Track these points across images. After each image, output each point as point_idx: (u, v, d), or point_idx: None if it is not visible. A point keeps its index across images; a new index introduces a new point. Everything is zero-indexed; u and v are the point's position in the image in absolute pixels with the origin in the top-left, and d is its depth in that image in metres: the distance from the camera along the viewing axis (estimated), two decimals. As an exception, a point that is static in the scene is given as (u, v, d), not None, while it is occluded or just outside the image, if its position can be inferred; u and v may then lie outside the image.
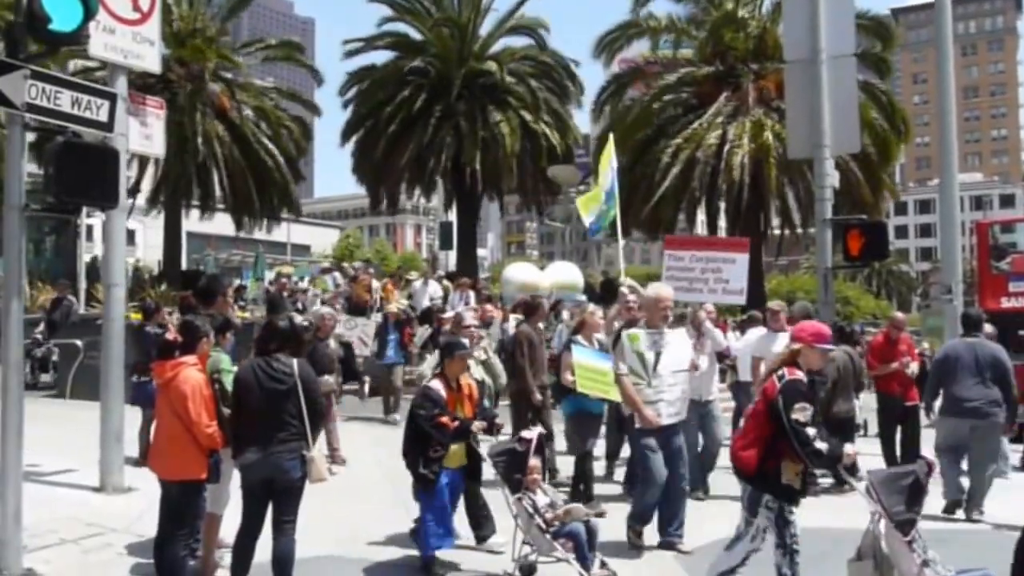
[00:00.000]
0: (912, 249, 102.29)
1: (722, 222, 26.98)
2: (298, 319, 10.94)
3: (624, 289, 9.20)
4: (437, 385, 6.53)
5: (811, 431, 4.93)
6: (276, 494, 5.56)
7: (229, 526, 5.94)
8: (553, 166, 28.43)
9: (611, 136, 12.18)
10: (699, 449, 8.85)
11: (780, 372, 5.16)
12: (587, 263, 48.04)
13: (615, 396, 7.61)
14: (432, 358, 8.55)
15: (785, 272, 41.94)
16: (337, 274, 25.53)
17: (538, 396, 9.15)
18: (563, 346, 8.90)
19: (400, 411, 12.88)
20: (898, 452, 10.17)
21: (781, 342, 8.43)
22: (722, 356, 10.59)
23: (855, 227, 10.13)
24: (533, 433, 6.49)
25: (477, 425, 6.53)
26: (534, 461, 6.30)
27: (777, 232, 27.92)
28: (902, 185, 63.47)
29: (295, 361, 5.68)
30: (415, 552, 6.84)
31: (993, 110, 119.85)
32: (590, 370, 7.95)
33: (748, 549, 5.25)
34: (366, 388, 14.40)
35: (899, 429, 10.32)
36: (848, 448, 5.19)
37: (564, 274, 12.65)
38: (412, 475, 6.40)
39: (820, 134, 10.40)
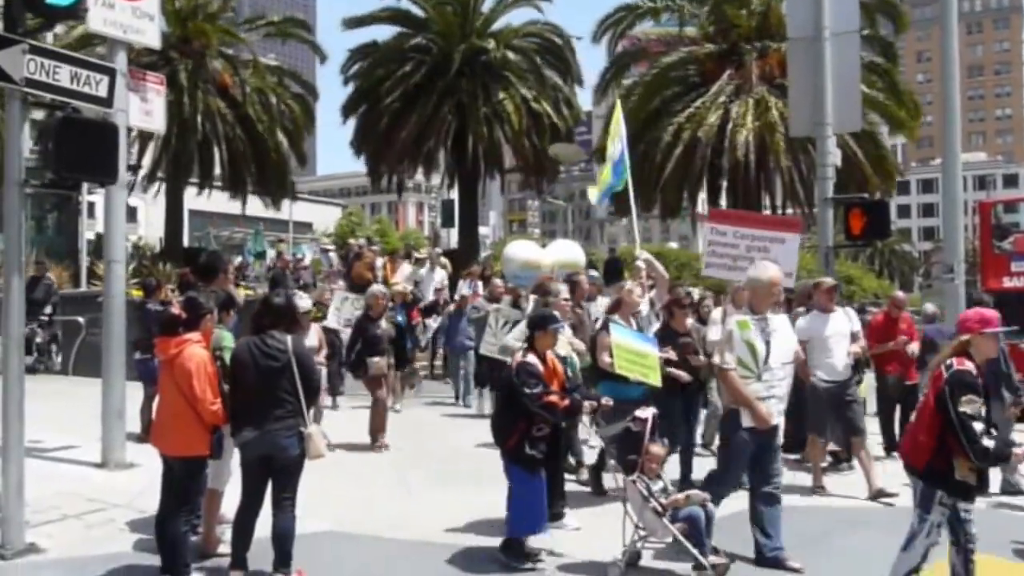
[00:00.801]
0: (914, 229, 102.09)
1: (724, 201, 26.91)
2: (302, 297, 10.78)
3: (640, 263, 8.56)
4: (534, 360, 6.14)
5: (979, 426, 4.69)
6: (274, 471, 5.59)
7: (230, 502, 5.97)
8: (555, 144, 28.29)
9: (618, 103, 11.67)
10: None
11: (948, 362, 4.91)
12: (590, 242, 48.01)
13: (655, 380, 7.29)
14: (518, 330, 7.97)
15: (787, 251, 42.07)
16: (332, 254, 25.49)
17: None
18: (599, 326, 8.38)
19: (402, 399, 12.65)
20: (897, 432, 10.18)
21: (834, 323, 8.31)
22: None
23: (857, 206, 10.12)
24: (648, 412, 6.15)
25: (588, 405, 6.30)
26: (653, 446, 6.03)
27: (780, 212, 27.83)
28: (904, 165, 63.26)
29: (290, 338, 5.68)
30: (417, 529, 6.90)
31: (998, 89, 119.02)
32: (630, 351, 7.36)
33: (926, 545, 4.98)
34: (418, 373, 14.02)
35: (898, 408, 10.33)
36: (1018, 449, 4.98)
37: (566, 252, 12.61)
38: (508, 455, 6.09)
39: (822, 112, 10.37)
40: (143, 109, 9.62)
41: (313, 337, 9.44)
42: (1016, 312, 8.75)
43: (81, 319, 15.35)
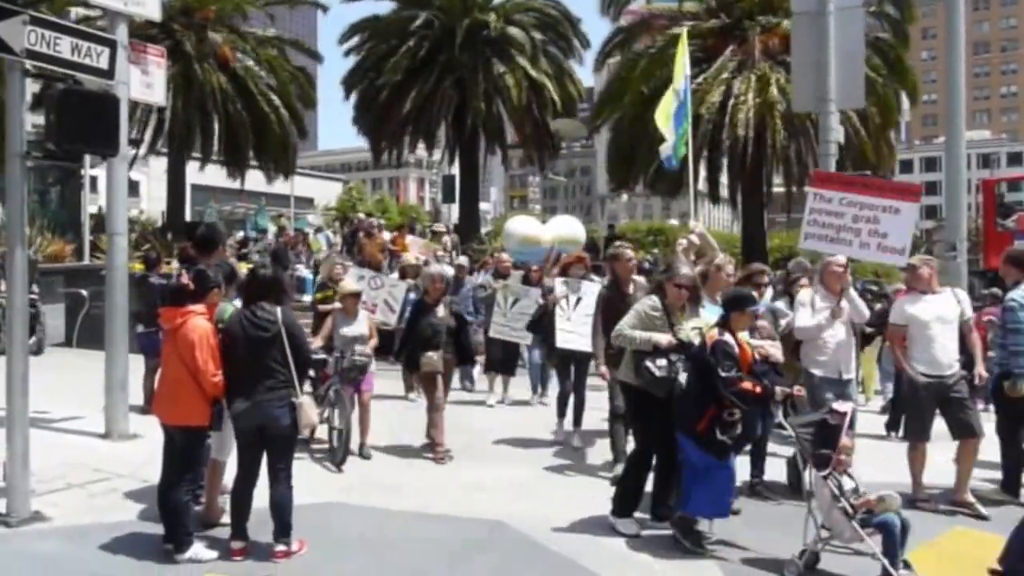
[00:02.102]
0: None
1: (724, 178, 26.88)
2: (349, 276, 10.66)
3: (693, 236, 7.75)
4: (731, 340, 5.79)
5: None
6: (268, 442, 5.65)
7: (232, 473, 6.03)
8: (556, 119, 28.22)
9: (684, 34, 10.45)
10: None
11: None
12: (591, 218, 47.86)
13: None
14: (633, 319, 6.99)
15: (787, 229, 41.71)
16: (329, 232, 25.19)
17: (605, 370, 7.75)
18: None
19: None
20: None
21: (931, 307, 7.22)
22: None
23: (859, 182, 10.06)
24: (847, 407, 5.68)
25: (781, 391, 5.93)
26: (846, 439, 5.51)
27: (781, 189, 27.82)
28: (908, 143, 62.96)
29: (279, 309, 5.72)
30: (419, 502, 6.96)
31: (1003, 66, 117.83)
32: None
33: None
34: (476, 370, 12.33)
35: None
36: None
37: (566, 228, 12.59)
38: (695, 439, 5.69)
39: (825, 88, 10.34)
40: (144, 82, 9.60)
41: (363, 324, 8.51)
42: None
43: (84, 292, 15.43)
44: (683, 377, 6.01)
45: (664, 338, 6.08)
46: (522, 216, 16.84)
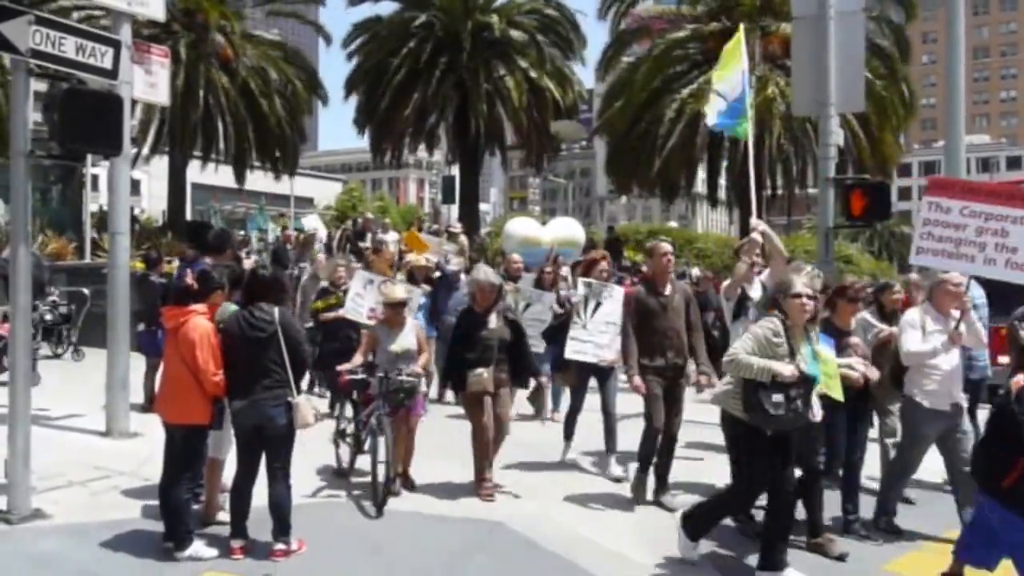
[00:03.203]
0: (915, 211, 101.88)
1: (722, 180, 26.98)
2: (396, 284, 9.35)
3: (755, 235, 6.89)
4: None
5: None
6: (265, 441, 5.69)
7: (231, 471, 6.06)
8: (556, 121, 28.29)
9: (742, 28, 9.63)
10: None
11: None
12: (590, 219, 47.93)
13: (837, 392, 5.89)
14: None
15: (786, 231, 41.88)
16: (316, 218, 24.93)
17: (638, 381, 6.94)
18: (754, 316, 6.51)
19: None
20: None
21: None
22: None
23: (857, 187, 10.11)
24: None
25: None
26: None
27: (781, 192, 27.93)
28: (906, 147, 63.07)
29: (276, 310, 5.75)
30: (419, 502, 6.98)
31: (1003, 70, 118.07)
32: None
33: None
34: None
35: None
36: None
37: (565, 229, 12.64)
38: (1002, 496, 4.77)
39: (825, 92, 10.36)
40: (147, 81, 9.64)
41: (410, 336, 7.18)
42: (1014, 293, 8.67)
43: (85, 291, 15.47)
44: (815, 412, 5.52)
45: (787, 369, 5.28)
46: (522, 217, 16.88)
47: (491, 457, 7.25)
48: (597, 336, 7.91)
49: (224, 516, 6.02)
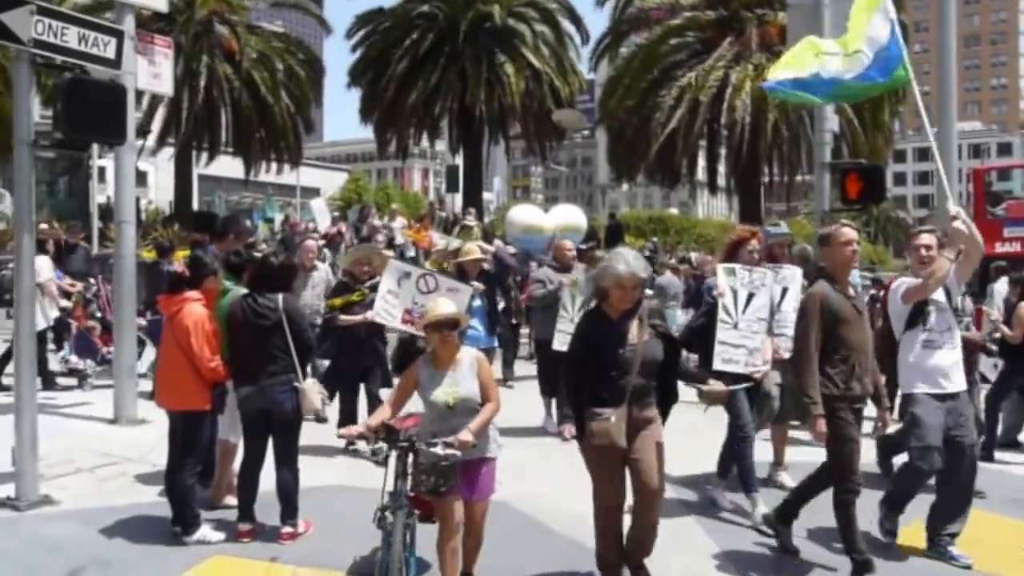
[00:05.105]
0: (910, 196, 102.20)
1: (722, 167, 27.02)
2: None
3: (958, 224, 5.60)
4: None
5: None
6: (273, 426, 5.72)
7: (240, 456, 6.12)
8: (558, 111, 28.32)
9: None
10: None
11: None
12: (592, 207, 47.86)
13: None
14: None
15: (783, 218, 41.83)
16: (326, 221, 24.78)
17: (823, 427, 5.18)
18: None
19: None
20: None
21: None
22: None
23: (853, 171, 10.16)
24: None
25: None
26: None
27: (777, 179, 28.00)
28: (901, 133, 63.22)
29: (281, 296, 5.79)
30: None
31: (993, 59, 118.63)
32: None
33: None
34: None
35: None
36: None
37: (568, 216, 12.65)
38: None
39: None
40: (151, 72, 9.66)
41: (469, 378, 4.69)
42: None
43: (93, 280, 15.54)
44: None
45: None
46: (524, 205, 16.87)
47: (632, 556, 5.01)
48: (750, 338, 6.26)
49: (231, 500, 6.08)
